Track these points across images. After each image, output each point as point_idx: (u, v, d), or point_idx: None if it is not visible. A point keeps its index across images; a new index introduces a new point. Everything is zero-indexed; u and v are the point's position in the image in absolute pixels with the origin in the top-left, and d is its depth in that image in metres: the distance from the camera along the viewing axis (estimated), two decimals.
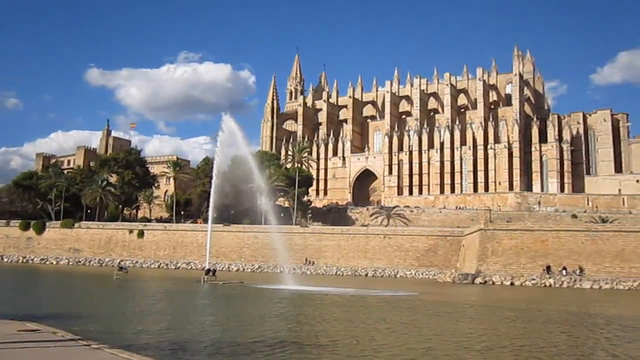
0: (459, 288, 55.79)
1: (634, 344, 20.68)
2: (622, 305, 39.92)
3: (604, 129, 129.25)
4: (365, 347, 17.85)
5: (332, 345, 17.85)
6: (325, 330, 21.65)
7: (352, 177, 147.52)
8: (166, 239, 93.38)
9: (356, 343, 18.60)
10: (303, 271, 77.20)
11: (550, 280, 60.41)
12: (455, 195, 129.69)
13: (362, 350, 17.27)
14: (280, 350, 16.32)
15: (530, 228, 69.87)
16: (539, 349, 18.27)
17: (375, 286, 53.33)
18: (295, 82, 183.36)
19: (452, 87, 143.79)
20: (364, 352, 16.92)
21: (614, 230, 66.49)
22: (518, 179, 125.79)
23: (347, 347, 17.53)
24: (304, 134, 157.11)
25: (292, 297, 38.93)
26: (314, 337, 19.63)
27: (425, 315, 28.69)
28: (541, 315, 29.40)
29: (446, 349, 17.90)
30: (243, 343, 17.63)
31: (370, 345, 18.24)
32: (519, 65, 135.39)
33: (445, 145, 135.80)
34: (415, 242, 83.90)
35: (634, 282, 58.18)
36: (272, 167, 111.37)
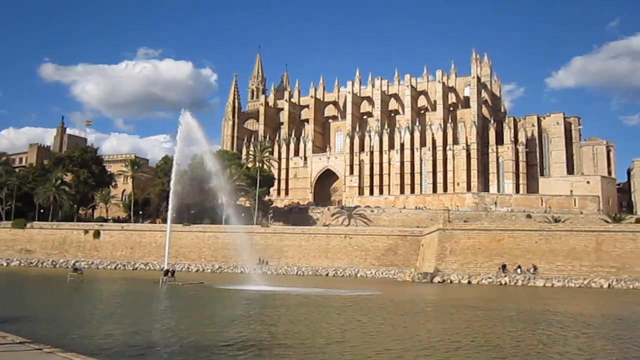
0: (419, 287, 56.62)
1: (599, 341, 21.35)
2: (581, 303, 41.31)
3: (557, 131, 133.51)
4: (336, 348, 17.71)
5: (301, 347, 17.70)
6: (292, 331, 21.45)
7: (314, 177, 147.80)
8: (124, 239, 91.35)
9: (327, 344, 18.44)
10: (264, 271, 76.86)
11: (506, 278, 62.01)
12: (415, 195, 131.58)
13: (333, 350, 17.16)
14: (243, 352, 16.16)
15: (487, 228, 71.50)
16: (512, 347, 18.72)
17: (338, 286, 53.56)
18: (257, 82, 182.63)
19: (412, 88, 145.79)
20: (336, 353, 16.79)
21: (565, 230, 68.72)
22: (476, 180, 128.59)
23: (318, 349, 17.41)
24: (265, 133, 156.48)
25: (254, 297, 38.69)
26: (282, 338, 19.49)
27: (393, 314, 28.92)
28: (504, 313, 30.08)
29: (419, 348, 17.89)
30: (203, 345, 17.34)
31: (342, 346, 18.07)
32: (477, 69, 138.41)
33: (406, 146, 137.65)
34: (376, 241, 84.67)
35: (584, 280, 60.33)
36: (233, 167, 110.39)
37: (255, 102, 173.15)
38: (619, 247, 64.06)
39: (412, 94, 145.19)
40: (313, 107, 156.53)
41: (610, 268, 62.55)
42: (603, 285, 58.92)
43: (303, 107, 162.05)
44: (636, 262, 62.54)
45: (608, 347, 19.71)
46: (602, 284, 59.21)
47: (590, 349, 18.91)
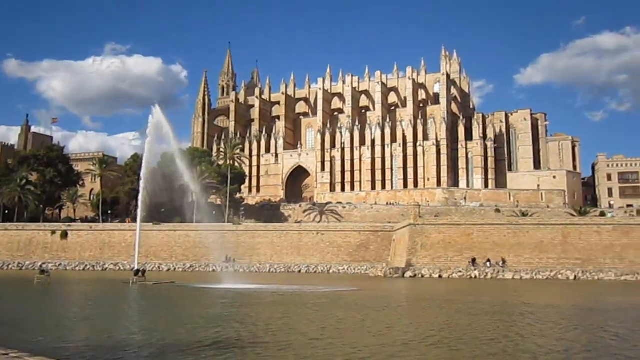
0: (392, 282, 57.09)
1: (574, 331, 21.83)
2: (551, 294, 42.22)
3: (524, 127, 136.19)
4: (318, 345, 17.57)
5: (282, 345, 17.57)
6: (272, 329, 21.16)
7: (285, 174, 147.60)
8: (92, 239, 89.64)
9: (308, 341, 18.27)
10: (235, 269, 76.47)
11: (476, 272, 63.07)
12: (386, 191, 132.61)
13: (315, 348, 17.07)
14: (221, 352, 16.01)
15: (457, 222, 72.55)
16: (490, 339, 18.94)
17: (312, 282, 53.60)
18: (227, 78, 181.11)
19: (383, 85, 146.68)
20: (318, 350, 16.72)
21: (533, 223, 70.24)
22: (446, 175, 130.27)
23: (301, 346, 17.31)
24: (236, 130, 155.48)
25: (228, 296, 38.37)
26: (262, 337, 19.20)
27: (373, 310, 28.86)
28: (479, 306, 30.43)
29: (400, 343, 17.92)
30: (177, 346, 17.07)
31: (323, 343, 17.93)
32: (446, 65, 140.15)
33: (377, 143, 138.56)
34: (348, 237, 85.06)
35: (551, 272, 61.82)
36: (203, 164, 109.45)
37: (226, 99, 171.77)
38: (584, 240, 65.81)
39: (383, 91, 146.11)
40: (284, 104, 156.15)
41: (576, 260, 64.23)
42: (569, 277, 60.48)
43: (274, 104, 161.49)
44: (600, 254, 64.38)
45: (584, 336, 20.19)
46: (568, 276, 60.76)
47: (567, 339, 19.38)
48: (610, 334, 20.52)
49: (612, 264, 63.09)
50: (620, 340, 19.22)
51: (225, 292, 41.25)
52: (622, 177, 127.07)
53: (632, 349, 17.49)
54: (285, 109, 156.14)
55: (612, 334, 20.45)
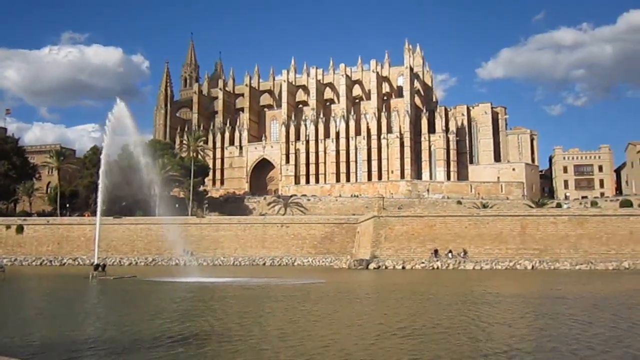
0: (358, 274, 57.45)
1: (543, 319, 22.41)
2: (515, 284, 43.20)
3: (485, 121, 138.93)
4: (293, 339, 17.29)
5: (252, 339, 17.30)
6: (239, 323, 20.91)
7: (250, 167, 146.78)
8: (50, 234, 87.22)
9: (283, 335, 18.04)
10: (191, 262, 75.79)
11: (438, 263, 64.15)
12: (351, 183, 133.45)
13: (292, 342, 16.87)
14: (184, 347, 15.81)
15: (419, 214, 73.55)
16: (464, 329, 19.23)
17: (277, 275, 53.55)
18: (190, 69, 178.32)
19: (347, 78, 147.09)
20: (295, 343, 16.52)
21: (493, 215, 71.79)
22: (409, 168, 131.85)
23: (278, 341, 17.08)
24: (199, 122, 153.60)
25: (192, 289, 37.98)
26: (233, 330, 18.88)
27: (341, 302, 28.87)
28: (447, 297, 30.88)
29: (375, 335, 17.88)
30: (138, 341, 16.78)
31: (299, 336, 17.68)
32: (409, 59, 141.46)
33: (341, 135, 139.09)
34: (312, 230, 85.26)
35: (510, 262, 63.41)
36: (166, 157, 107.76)
37: (189, 90, 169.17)
38: (541, 231, 67.68)
39: (347, 83, 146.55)
40: (248, 96, 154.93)
41: (534, 250, 66.04)
42: (527, 267, 62.12)
43: (238, 96, 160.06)
44: (556, 244, 66.37)
45: (553, 324, 20.62)
46: (526, 266, 62.41)
47: (537, 327, 19.93)
48: (578, 322, 21.05)
49: (567, 254, 65.12)
50: (587, 327, 19.81)
51: (189, 285, 40.80)
52: (577, 170, 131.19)
53: (597, 335, 18.02)
54: (250, 101, 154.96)
55: (581, 322, 20.99)
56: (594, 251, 65.33)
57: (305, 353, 14.96)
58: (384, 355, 14.99)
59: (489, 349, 15.70)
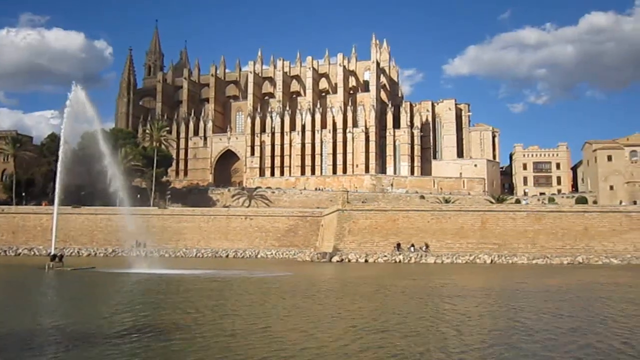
0: (322, 266, 57.63)
1: (522, 312, 22.85)
2: (479, 277, 43.93)
3: (448, 117, 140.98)
4: (267, 334, 16.84)
5: (230, 333, 17.04)
6: (206, 315, 20.57)
7: (214, 158, 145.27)
8: (4, 222, 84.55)
9: (254, 329, 17.58)
10: (143, 254, 74.65)
11: (400, 256, 64.99)
12: (316, 177, 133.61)
13: (268, 337, 16.54)
14: (140, 340, 15.50)
15: (383, 208, 74.33)
16: (442, 320, 19.56)
17: (241, 267, 53.20)
18: (154, 57, 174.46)
19: (314, 71, 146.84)
20: (272, 339, 16.12)
21: (454, 210, 73.13)
22: (374, 162, 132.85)
23: (250, 336, 16.69)
24: (163, 112, 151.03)
25: (154, 281, 37.35)
26: (203, 324, 18.48)
27: (311, 295, 28.56)
28: (415, 290, 31.12)
29: (354, 330, 17.70)
30: (95, 334, 16.33)
31: (268, 331, 17.21)
32: (376, 54, 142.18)
33: (307, 128, 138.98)
34: (277, 222, 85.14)
35: (470, 256, 64.76)
36: (128, 146, 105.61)
37: (152, 79, 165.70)
38: (500, 226, 69.36)
39: (314, 76, 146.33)
40: (213, 86, 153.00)
41: (493, 245, 67.65)
42: (486, 261, 63.59)
43: (203, 86, 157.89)
44: (515, 239, 68.15)
45: (532, 317, 20.95)
46: (485, 260, 63.88)
47: (512, 319, 20.34)
48: (550, 314, 21.65)
49: (525, 249, 66.97)
50: (560, 320, 20.34)
51: (150, 277, 40.12)
52: (536, 167, 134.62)
53: (573, 325, 18.63)
54: (215, 91, 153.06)
55: (552, 314, 21.58)
56: (550, 246, 67.38)
57: (283, 349, 14.54)
58: (367, 349, 14.65)
59: (474, 341, 15.78)
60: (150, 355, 13.73)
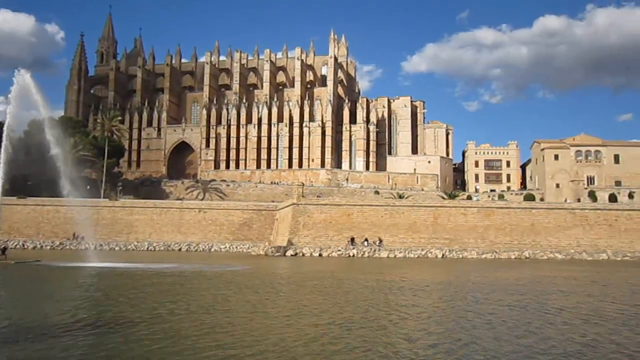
0: (277, 260, 57.41)
1: (488, 305, 23.33)
2: (435, 272, 44.51)
3: (404, 114, 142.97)
4: (233, 330, 16.43)
5: (193, 329, 16.72)
6: (175, 312, 19.82)
7: (168, 150, 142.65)
8: None
9: (218, 325, 17.16)
10: (111, 247, 72.89)
11: (354, 250, 65.57)
12: (271, 170, 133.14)
13: (233, 334, 16.16)
14: (86, 334, 15.06)
15: (338, 203, 74.74)
16: (414, 315, 19.67)
17: (195, 261, 52.39)
18: (107, 44, 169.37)
19: (271, 63, 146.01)
20: (238, 336, 15.76)
21: (408, 205, 74.29)
22: (330, 157, 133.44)
23: (215, 333, 16.20)
24: (115, 100, 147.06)
25: (101, 274, 36.34)
26: (162, 319, 18.00)
27: (270, 290, 28.31)
28: (374, 283, 31.22)
29: (326, 324, 17.57)
30: (42, 329, 15.80)
31: (239, 328, 16.83)
32: (334, 49, 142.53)
33: (263, 121, 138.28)
34: (231, 216, 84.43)
35: (422, 251, 65.98)
36: (77, 135, 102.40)
37: (105, 66, 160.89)
38: (452, 221, 70.97)
39: (271, 69, 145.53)
40: (168, 76, 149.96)
41: (444, 240, 69.16)
42: (438, 256, 64.92)
43: (158, 76, 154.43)
44: (465, 234, 69.89)
45: (490, 307, 21.62)
46: (437, 254, 65.21)
47: (482, 312, 20.79)
48: (511, 307, 22.26)
49: (475, 244, 68.78)
50: (525, 312, 20.98)
51: (96, 270, 39.02)
52: (487, 164, 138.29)
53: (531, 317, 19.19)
54: (170, 81, 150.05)
55: (519, 307, 22.25)
56: (499, 241, 69.46)
57: (251, 345, 14.24)
58: (337, 345, 14.50)
59: (443, 337, 15.87)
60: (96, 351, 13.39)
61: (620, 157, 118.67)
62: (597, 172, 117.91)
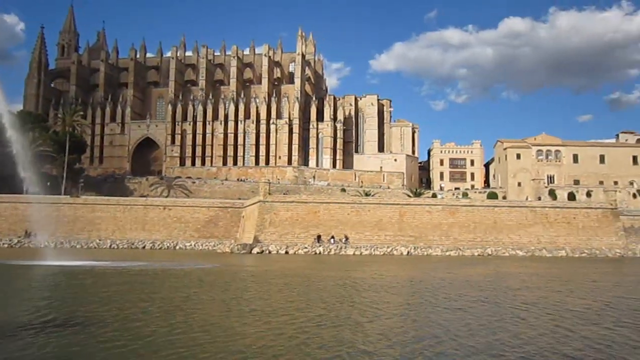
0: (244, 258, 56.80)
1: (463, 301, 23.53)
2: (404, 268, 44.71)
3: (371, 112, 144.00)
4: (213, 330, 15.98)
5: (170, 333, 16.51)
6: (149, 312, 19.25)
7: (132, 146, 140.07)
8: None
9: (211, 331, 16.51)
10: (72, 245, 71.16)
11: (320, 248, 65.65)
12: (238, 167, 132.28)
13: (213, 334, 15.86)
14: (51, 334, 14.63)
15: (304, 200, 74.71)
16: (389, 312, 19.67)
17: (161, 259, 51.43)
18: (68, 37, 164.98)
19: (238, 60, 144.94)
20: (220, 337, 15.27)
21: (374, 203, 74.82)
22: (297, 154, 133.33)
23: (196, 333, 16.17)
24: (77, 95, 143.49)
25: (67, 273, 35.28)
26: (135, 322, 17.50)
27: (241, 288, 27.86)
28: (350, 281, 30.90)
29: (290, 324, 17.12)
30: (9, 329, 15.25)
31: (220, 327, 16.45)
32: (302, 46, 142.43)
33: (230, 118, 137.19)
34: (196, 213, 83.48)
35: (387, 248, 66.53)
36: (37, 130, 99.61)
37: (66, 59, 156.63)
38: (417, 219, 71.80)
39: (239, 66, 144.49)
40: (133, 71, 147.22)
41: (410, 237, 69.93)
42: (403, 253, 65.55)
43: (122, 70, 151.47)
44: (430, 232, 70.83)
45: (472, 306, 21.59)
46: (402, 252, 65.84)
47: (459, 307, 21.02)
48: (485, 302, 22.59)
49: (439, 241, 69.77)
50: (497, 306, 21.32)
51: (62, 269, 37.88)
52: (452, 163, 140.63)
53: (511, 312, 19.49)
54: (134, 76, 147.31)
55: (490, 302, 22.58)
56: (462, 238, 70.65)
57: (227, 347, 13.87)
58: (316, 343, 14.32)
59: (425, 333, 15.79)
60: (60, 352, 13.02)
61: (579, 157, 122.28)
62: (557, 171, 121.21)
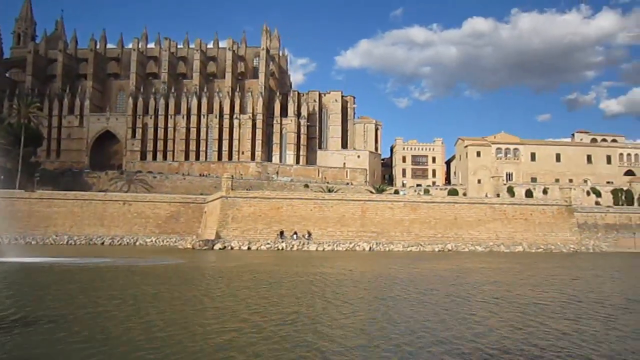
0: (207, 254, 56.34)
1: (436, 295, 23.76)
2: (370, 264, 44.82)
3: (335, 108, 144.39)
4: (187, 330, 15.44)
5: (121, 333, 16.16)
6: (92, 307, 18.97)
7: (91, 139, 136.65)
8: None
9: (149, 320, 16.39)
10: (27, 241, 69.15)
11: (283, 244, 65.73)
12: (200, 162, 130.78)
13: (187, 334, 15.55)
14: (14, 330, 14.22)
15: (267, 196, 74.56)
16: (365, 308, 19.71)
17: (120, 255, 50.32)
18: (24, 25, 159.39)
19: (202, 53, 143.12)
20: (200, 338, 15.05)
21: (336, 199, 75.27)
22: (260, 150, 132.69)
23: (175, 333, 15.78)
24: (33, 86, 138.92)
25: (24, 270, 34.17)
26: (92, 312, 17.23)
27: (210, 284, 27.61)
28: (318, 277, 30.78)
29: (269, 321, 16.85)
30: None
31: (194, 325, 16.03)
32: (266, 41, 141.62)
33: (193, 112, 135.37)
34: (157, 208, 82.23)
35: (350, 244, 67.11)
36: None
37: (22, 49, 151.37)
38: (379, 215, 72.62)
39: (202, 59, 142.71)
40: (92, 62, 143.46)
41: (372, 233, 70.69)
42: (365, 249, 66.22)
43: (81, 61, 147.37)
44: (392, 228, 71.76)
45: (443, 301, 21.96)
46: (364, 247, 66.52)
47: (425, 301, 21.39)
48: (456, 297, 23.04)
49: (401, 237, 70.78)
50: (465, 302, 21.67)
51: (19, 266, 36.71)
52: (414, 160, 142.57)
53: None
54: (94, 67, 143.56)
55: (460, 297, 23.07)
56: (423, 234, 71.87)
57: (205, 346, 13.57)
58: (295, 340, 14.23)
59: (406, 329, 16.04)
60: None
61: (537, 155, 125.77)
62: (515, 168, 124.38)
